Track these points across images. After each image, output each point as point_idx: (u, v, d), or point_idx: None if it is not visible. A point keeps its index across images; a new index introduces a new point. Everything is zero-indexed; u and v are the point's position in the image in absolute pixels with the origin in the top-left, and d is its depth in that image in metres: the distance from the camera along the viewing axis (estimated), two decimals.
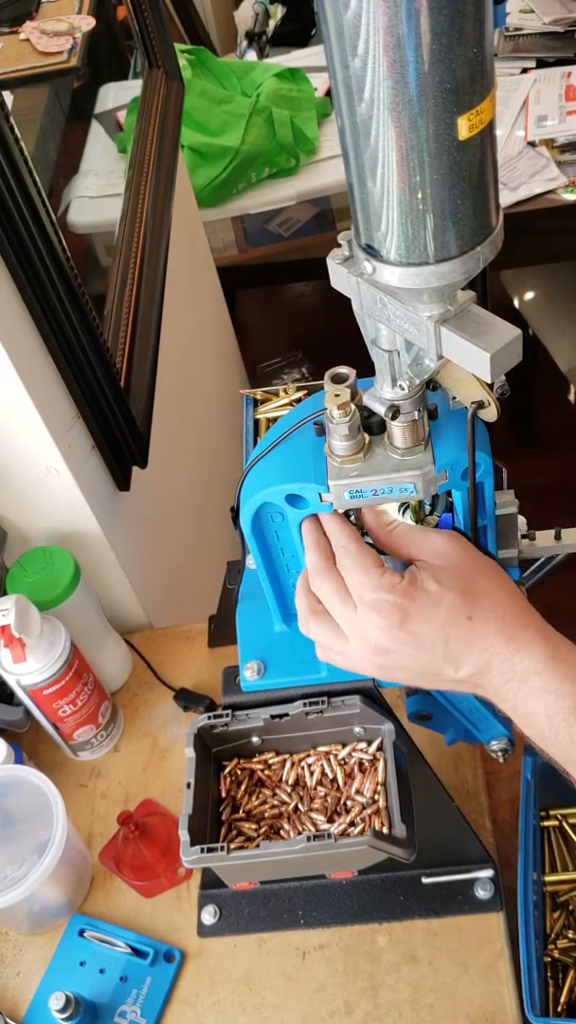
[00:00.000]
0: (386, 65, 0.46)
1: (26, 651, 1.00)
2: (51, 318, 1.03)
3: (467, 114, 0.48)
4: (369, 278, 0.57)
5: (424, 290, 0.55)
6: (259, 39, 2.81)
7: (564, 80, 2.25)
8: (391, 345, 0.61)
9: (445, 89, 0.46)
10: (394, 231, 0.53)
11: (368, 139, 0.50)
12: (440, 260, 0.53)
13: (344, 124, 0.51)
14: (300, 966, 0.96)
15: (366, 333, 0.63)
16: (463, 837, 0.93)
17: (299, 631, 0.79)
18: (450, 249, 0.53)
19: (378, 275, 0.56)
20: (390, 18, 0.44)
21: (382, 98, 0.47)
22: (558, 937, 0.96)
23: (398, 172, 0.50)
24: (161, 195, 1.64)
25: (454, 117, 0.47)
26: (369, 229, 0.54)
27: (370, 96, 0.48)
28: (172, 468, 1.57)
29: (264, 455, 0.72)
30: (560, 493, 2.29)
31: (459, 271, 0.54)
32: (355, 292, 0.59)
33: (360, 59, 0.47)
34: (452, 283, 0.54)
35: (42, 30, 1.82)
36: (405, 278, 0.54)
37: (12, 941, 1.03)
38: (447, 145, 0.48)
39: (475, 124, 0.48)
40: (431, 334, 0.56)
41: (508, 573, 0.81)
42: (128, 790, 1.12)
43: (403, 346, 0.60)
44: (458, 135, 0.48)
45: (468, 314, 0.56)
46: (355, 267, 0.58)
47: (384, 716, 0.81)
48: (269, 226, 2.25)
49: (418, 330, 0.57)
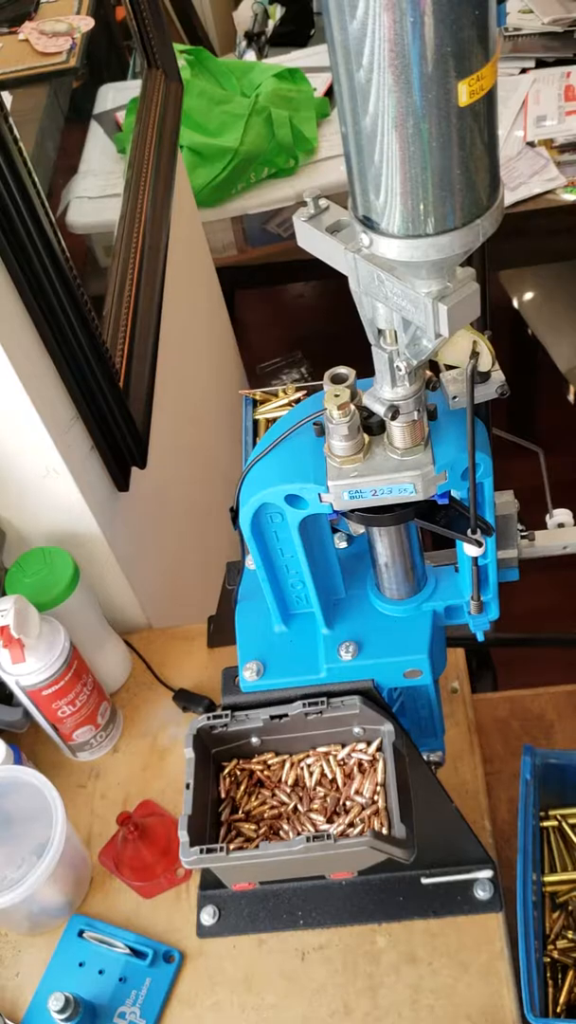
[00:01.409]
0: (386, 26, 0.45)
1: (25, 652, 1.00)
2: (50, 319, 1.03)
3: (467, 79, 0.47)
4: (367, 252, 0.56)
5: (423, 264, 0.54)
6: (258, 39, 2.81)
7: (563, 80, 2.25)
8: (389, 324, 0.60)
9: (445, 52, 0.46)
10: (394, 201, 0.52)
11: (367, 104, 0.49)
12: (439, 232, 0.52)
13: (343, 90, 0.50)
14: (299, 967, 0.96)
15: (363, 313, 0.62)
16: (462, 838, 0.93)
17: (299, 632, 0.79)
18: (449, 221, 0.52)
19: (375, 248, 0.54)
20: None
21: (381, 61, 0.46)
22: (557, 937, 0.96)
23: (398, 138, 0.49)
24: (160, 195, 1.64)
25: (454, 82, 0.47)
26: (367, 199, 0.53)
27: (369, 60, 0.47)
28: (171, 469, 1.57)
29: (263, 455, 0.72)
30: (559, 493, 2.29)
31: (458, 244, 0.53)
32: (352, 269, 0.58)
33: (359, 21, 0.46)
34: (451, 256, 0.53)
35: (41, 30, 1.82)
36: (403, 250, 0.53)
37: (11, 942, 1.03)
38: (447, 110, 0.48)
39: (475, 90, 0.48)
40: (429, 311, 0.55)
41: (508, 574, 0.82)
42: (127, 791, 1.12)
43: (401, 325, 0.60)
44: (458, 101, 0.48)
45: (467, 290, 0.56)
46: (352, 242, 0.57)
47: (383, 717, 0.81)
48: (268, 226, 2.25)
49: (416, 307, 0.56)
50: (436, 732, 0.93)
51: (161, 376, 1.45)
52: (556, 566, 0.91)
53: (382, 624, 0.81)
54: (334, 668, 0.80)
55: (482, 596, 0.78)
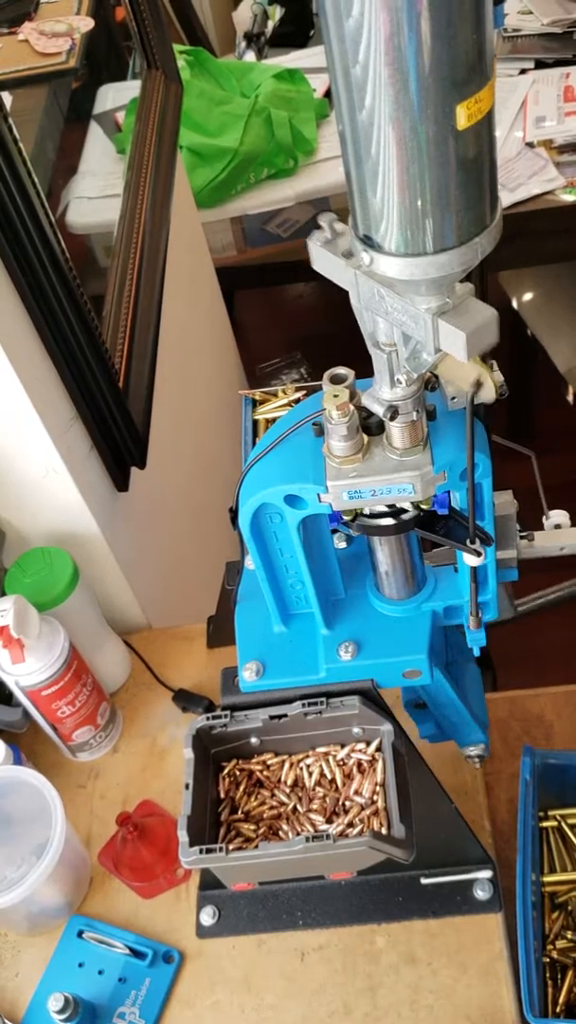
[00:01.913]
0: (385, 58, 0.46)
1: (25, 652, 1.00)
2: (50, 319, 1.03)
3: (466, 103, 0.47)
4: (367, 270, 0.56)
5: (422, 282, 0.55)
6: (258, 40, 2.81)
7: (562, 81, 2.25)
8: (389, 338, 0.61)
9: (444, 76, 0.46)
10: (392, 221, 0.52)
11: (366, 126, 0.49)
12: (438, 251, 0.53)
13: (342, 109, 0.50)
14: (299, 967, 0.96)
15: (364, 327, 0.62)
16: (462, 838, 0.93)
17: (299, 632, 0.79)
18: (448, 240, 0.53)
19: (376, 266, 0.55)
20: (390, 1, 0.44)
21: (381, 88, 0.47)
22: (557, 938, 0.96)
23: (397, 160, 0.49)
24: (160, 196, 1.64)
25: (453, 105, 0.47)
26: (367, 219, 0.54)
27: (368, 80, 0.47)
28: (171, 469, 1.57)
29: (263, 456, 0.72)
30: (559, 493, 2.30)
31: (457, 262, 0.53)
32: (353, 285, 0.59)
33: (362, 62, 0.46)
34: (450, 274, 0.54)
35: (41, 31, 1.82)
36: (403, 269, 0.54)
37: (11, 942, 1.03)
38: (446, 133, 0.48)
39: (474, 113, 0.48)
40: (429, 327, 0.56)
41: (506, 574, 0.82)
42: (127, 791, 1.12)
43: (401, 340, 0.60)
44: (457, 124, 0.48)
45: (468, 308, 0.56)
46: (353, 259, 0.57)
47: (383, 717, 0.81)
48: (268, 227, 2.25)
49: (416, 323, 0.57)
50: (470, 726, 0.93)
51: (161, 376, 1.45)
52: (556, 566, 0.91)
53: (381, 624, 0.81)
54: (333, 668, 0.80)
55: (481, 597, 0.78)
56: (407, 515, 0.72)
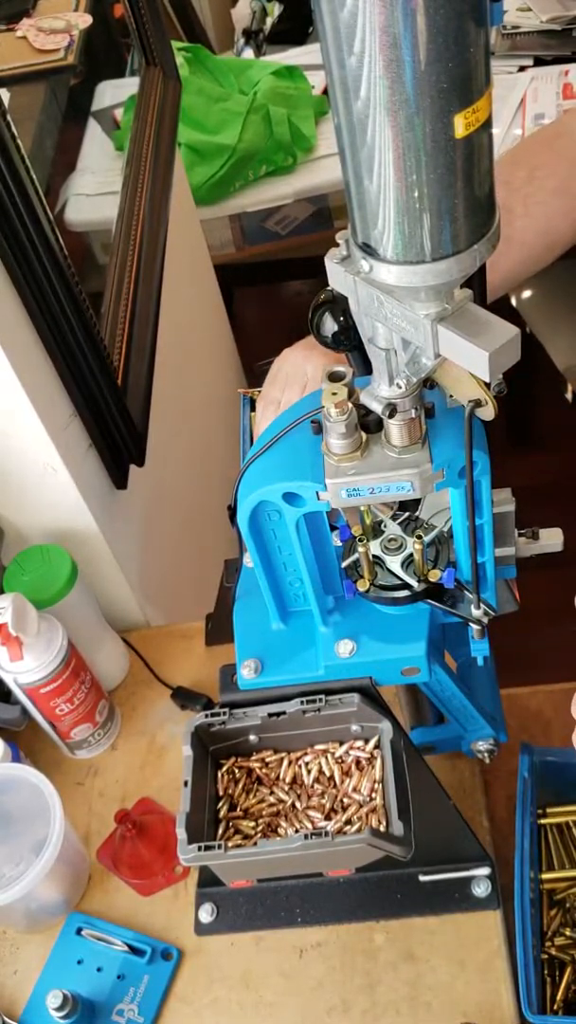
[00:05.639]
0: (382, 64, 0.46)
1: (23, 649, 1.00)
2: (48, 316, 1.03)
3: (463, 112, 0.48)
4: (366, 276, 0.57)
5: (421, 288, 0.55)
6: (256, 37, 2.81)
7: (561, 78, 2.25)
8: (388, 344, 0.61)
9: (441, 88, 0.46)
10: (391, 229, 0.53)
11: (364, 137, 0.50)
12: (437, 258, 0.53)
13: (340, 122, 0.51)
14: (297, 964, 0.96)
15: (363, 332, 0.63)
16: (460, 835, 0.94)
17: (297, 629, 0.79)
18: (447, 247, 0.53)
19: (375, 273, 0.56)
20: (386, 17, 0.44)
21: (378, 97, 0.47)
22: (555, 935, 0.97)
23: (395, 170, 0.50)
24: (158, 193, 1.64)
25: (450, 115, 0.48)
26: (366, 227, 0.54)
27: (366, 95, 0.48)
28: (169, 466, 1.57)
29: (261, 453, 0.72)
30: (557, 492, 2.29)
31: (456, 269, 0.54)
32: (352, 291, 0.59)
33: (356, 57, 0.46)
34: (449, 281, 0.54)
35: (39, 27, 1.82)
36: (402, 276, 0.54)
37: (9, 939, 1.03)
38: (443, 143, 0.48)
39: (472, 122, 0.48)
40: (428, 333, 0.56)
41: (505, 572, 0.82)
42: (125, 788, 1.12)
43: (400, 345, 0.60)
44: (455, 133, 0.48)
45: (466, 313, 0.56)
46: (352, 266, 0.58)
47: (381, 714, 0.81)
48: (266, 224, 2.25)
49: (415, 329, 0.57)
50: (477, 721, 0.93)
51: (159, 374, 1.45)
52: (557, 565, 0.91)
53: (380, 622, 0.81)
54: (332, 666, 0.80)
55: (480, 595, 0.78)
56: (418, 588, 0.78)
